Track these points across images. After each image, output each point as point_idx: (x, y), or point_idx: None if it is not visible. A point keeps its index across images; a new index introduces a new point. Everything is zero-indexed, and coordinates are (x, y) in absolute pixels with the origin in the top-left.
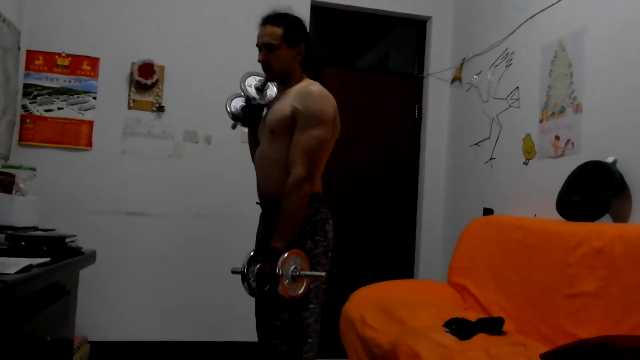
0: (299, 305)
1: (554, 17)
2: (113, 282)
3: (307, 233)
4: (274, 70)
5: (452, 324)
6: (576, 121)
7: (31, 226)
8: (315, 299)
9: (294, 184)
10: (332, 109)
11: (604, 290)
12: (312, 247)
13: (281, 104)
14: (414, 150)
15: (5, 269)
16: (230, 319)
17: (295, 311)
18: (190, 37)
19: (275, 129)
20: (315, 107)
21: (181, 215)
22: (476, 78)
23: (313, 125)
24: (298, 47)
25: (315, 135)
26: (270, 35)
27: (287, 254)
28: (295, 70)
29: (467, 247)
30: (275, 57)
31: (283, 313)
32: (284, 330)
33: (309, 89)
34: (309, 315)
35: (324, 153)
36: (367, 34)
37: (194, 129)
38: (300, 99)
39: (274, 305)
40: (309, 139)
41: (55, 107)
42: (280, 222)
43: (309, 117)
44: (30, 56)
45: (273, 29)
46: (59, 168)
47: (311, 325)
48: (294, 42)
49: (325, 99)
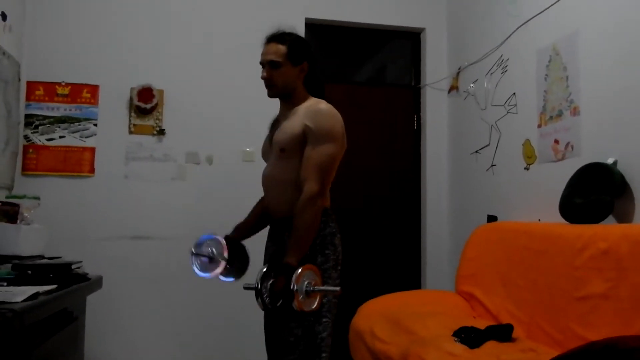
0: (312, 320)
1: (547, 22)
2: (121, 307)
3: (317, 247)
4: (277, 87)
5: (462, 333)
6: (574, 124)
7: (37, 254)
8: (328, 313)
9: (307, 199)
10: (341, 126)
11: (613, 291)
12: (323, 261)
13: (290, 123)
14: (415, 161)
15: (12, 298)
16: (242, 339)
17: (309, 326)
18: (187, 60)
19: (285, 147)
20: (326, 125)
21: (187, 237)
22: (473, 86)
23: (324, 142)
24: (301, 65)
25: (326, 152)
26: (274, 52)
27: (300, 270)
28: (298, 88)
29: (473, 255)
30: (278, 74)
31: (296, 328)
32: (298, 345)
33: (319, 107)
34: (323, 329)
35: (333, 169)
36: (362, 47)
37: (195, 150)
38: (310, 116)
39: (288, 321)
40: (321, 156)
41: (57, 136)
42: (293, 238)
43: (320, 134)
44: (31, 87)
45: (277, 47)
46: (63, 196)
47: (325, 340)
48: (297, 60)
49: (335, 116)
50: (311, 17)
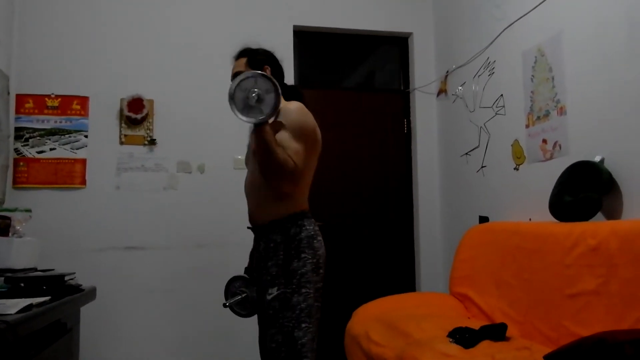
0: (290, 326)
1: (532, 24)
2: (115, 318)
3: (292, 252)
4: None
5: (456, 334)
6: (561, 123)
7: (30, 267)
8: (308, 318)
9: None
10: (312, 122)
11: (604, 287)
12: (299, 265)
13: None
14: (407, 164)
15: (6, 310)
16: (236, 349)
17: (288, 332)
18: (176, 70)
19: None
20: (296, 120)
21: (180, 247)
22: (461, 89)
23: (297, 135)
24: (261, 69)
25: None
26: (237, 66)
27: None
28: None
29: (466, 256)
30: None
31: (276, 334)
32: (280, 351)
33: (288, 107)
34: (303, 334)
35: (308, 165)
36: (350, 53)
37: (187, 159)
38: (282, 116)
39: (269, 327)
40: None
41: (48, 148)
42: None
43: (292, 129)
44: (20, 100)
45: (240, 60)
46: (55, 208)
47: (306, 345)
48: (257, 66)
49: (306, 114)
50: (299, 24)
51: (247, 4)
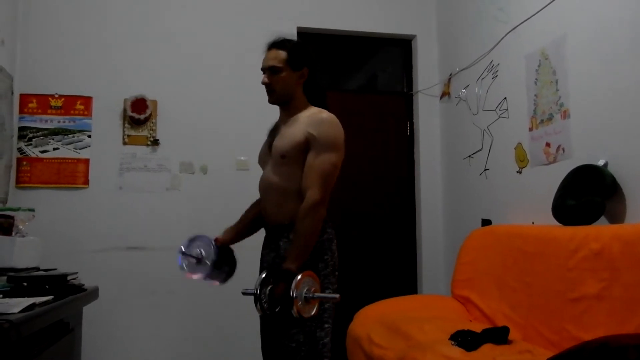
0: (314, 326)
1: (535, 27)
2: (118, 318)
3: (316, 254)
4: (277, 92)
5: (458, 337)
6: (565, 127)
7: (32, 267)
8: (330, 319)
9: (310, 207)
10: (343, 135)
11: (606, 291)
12: (323, 267)
13: (292, 130)
14: (409, 167)
15: (9, 309)
16: (238, 349)
17: (311, 332)
18: (180, 71)
19: (286, 154)
20: (330, 134)
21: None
22: (464, 92)
23: (327, 150)
24: (301, 70)
25: (329, 161)
26: (274, 58)
27: (300, 276)
28: (297, 93)
29: (468, 259)
30: (278, 79)
31: (298, 334)
32: (300, 351)
33: (322, 116)
34: (325, 335)
35: (335, 178)
36: (354, 55)
37: (190, 160)
38: (314, 125)
39: (289, 327)
40: (324, 164)
41: (51, 148)
42: (295, 244)
43: (324, 143)
44: (24, 100)
45: (277, 53)
46: (58, 208)
47: (326, 345)
48: (297, 65)
49: (338, 126)
50: (303, 25)
51: (251, 6)
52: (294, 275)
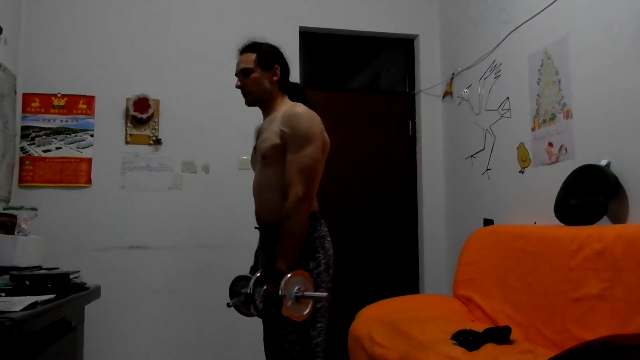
0: (307, 325)
1: (538, 27)
2: (120, 317)
3: (307, 252)
4: (252, 94)
5: (460, 336)
6: (567, 127)
7: (35, 265)
8: (323, 318)
9: (293, 204)
10: (319, 127)
11: (609, 291)
12: (315, 265)
13: (269, 130)
14: (411, 166)
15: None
16: (241, 349)
17: (304, 331)
18: (182, 70)
19: (266, 155)
20: (302, 128)
21: (184, 246)
22: (467, 91)
23: (304, 145)
24: (272, 69)
25: (307, 155)
26: (245, 61)
27: (290, 275)
28: (273, 92)
29: (470, 259)
30: (250, 81)
31: (291, 334)
32: (293, 350)
33: (294, 111)
34: (317, 334)
35: (317, 171)
36: (356, 55)
37: (192, 159)
38: (286, 121)
39: (282, 327)
40: (302, 159)
41: (54, 147)
42: (282, 243)
43: (297, 138)
44: (27, 99)
45: (247, 56)
46: (60, 207)
47: (319, 345)
48: (267, 64)
49: (312, 118)
50: (305, 25)
51: (253, 5)
52: (283, 275)
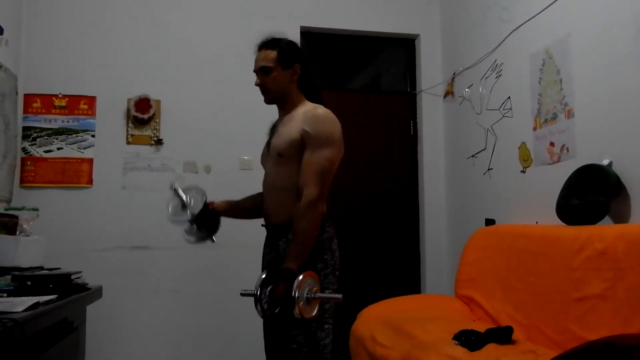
0: (314, 327)
1: (539, 26)
2: (121, 317)
3: (316, 253)
4: (271, 92)
5: (462, 336)
6: (569, 126)
7: (37, 266)
8: (330, 319)
9: (307, 205)
10: (339, 131)
11: (611, 291)
12: (322, 266)
13: (287, 128)
14: (413, 166)
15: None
16: (242, 349)
17: (311, 333)
18: (183, 70)
19: (283, 152)
20: (325, 129)
21: (186, 247)
22: (468, 91)
23: (323, 147)
24: (292, 67)
25: (325, 157)
26: (264, 59)
27: (302, 276)
28: (292, 91)
29: (471, 259)
30: (270, 79)
31: (299, 335)
32: (300, 352)
33: (317, 112)
34: (325, 335)
35: (332, 174)
36: (357, 55)
37: (193, 159)
38: (309, 121)
39: (290, 328)
40: (320, 160)
41: (55, 148)
42: (294, 243)
43: (319, 139)
44: (28, 100)
45: (267, 53)
46: (62, 207)
47: (327, 346)
48: (287, 63)
49: (334, 121)
50: (306, 25)
51: (254, 5)
52: (295, 275)
